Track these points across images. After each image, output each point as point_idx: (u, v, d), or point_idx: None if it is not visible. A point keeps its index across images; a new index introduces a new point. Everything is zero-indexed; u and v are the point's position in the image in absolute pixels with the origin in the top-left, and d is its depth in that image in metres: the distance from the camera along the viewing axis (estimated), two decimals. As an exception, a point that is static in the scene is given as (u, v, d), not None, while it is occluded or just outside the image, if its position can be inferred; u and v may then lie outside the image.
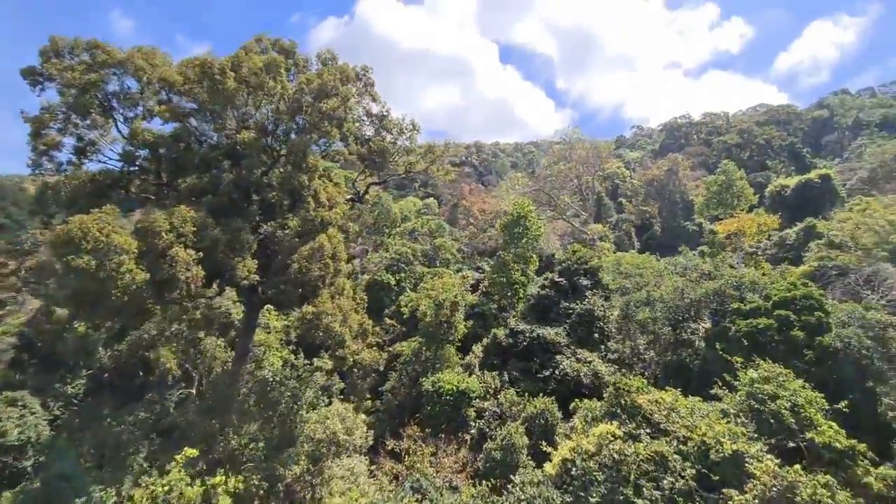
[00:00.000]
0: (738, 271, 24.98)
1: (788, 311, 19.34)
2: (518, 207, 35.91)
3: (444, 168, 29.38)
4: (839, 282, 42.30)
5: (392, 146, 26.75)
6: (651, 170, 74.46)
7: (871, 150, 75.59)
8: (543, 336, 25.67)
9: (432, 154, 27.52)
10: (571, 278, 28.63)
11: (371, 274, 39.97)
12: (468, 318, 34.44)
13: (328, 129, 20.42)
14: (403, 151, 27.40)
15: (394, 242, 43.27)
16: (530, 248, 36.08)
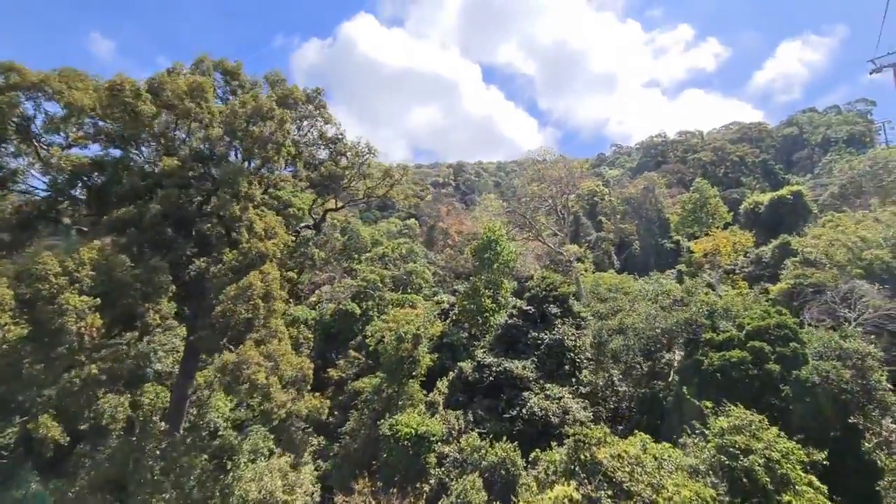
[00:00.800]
0: (710, 297, 23.80)
1: (762, 343, 18.08)
2: (488, 231, 34.62)
3: (405, 192, 28.01)
4: (816, 300, 41.77)
5: (348, 170, 25.27)
6: (628, 188, 74.49)
7: (839, 166, 77.04)
8: (510, 370, 24.00)
9: (390, 178, 26.13)
10: (541, 306, 27.18)
11: (337, 302, 37.99)
12: (436, 348, 32.65)
13: (268, 154, 18.90)
14: (360, 176, 25.94)
15: (363, 268, 41.47)
16: (502, 274, 34.68)
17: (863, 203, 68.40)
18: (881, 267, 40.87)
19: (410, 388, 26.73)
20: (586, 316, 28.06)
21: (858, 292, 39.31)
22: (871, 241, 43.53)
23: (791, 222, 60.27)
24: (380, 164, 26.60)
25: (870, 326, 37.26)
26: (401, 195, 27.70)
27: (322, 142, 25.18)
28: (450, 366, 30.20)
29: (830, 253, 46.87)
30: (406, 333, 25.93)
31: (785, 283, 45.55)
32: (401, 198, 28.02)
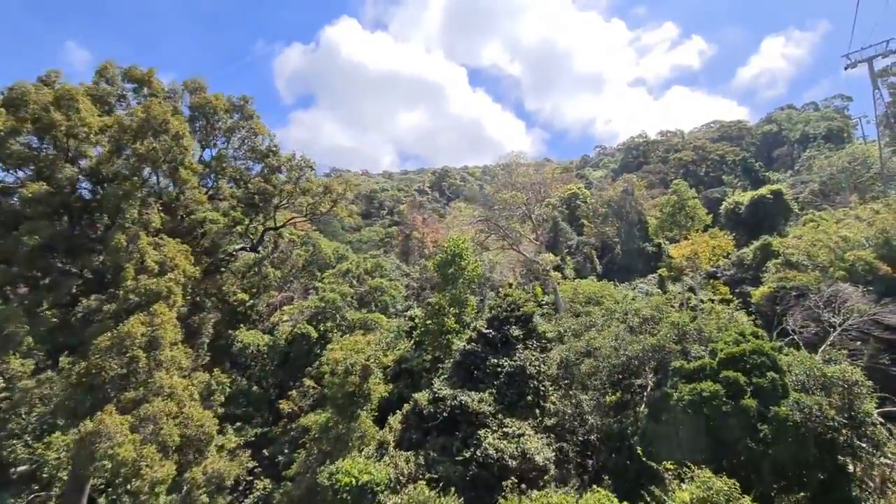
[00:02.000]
0: (682, 317, 21.59)
1: (737, 373, 15.87)
2: (452, 245, 32.25)
3: (348, 209, 25.61)
4: (799, 305, 40.11)
5: (286, 185, 22.76)
6: (607, 191, 72.84)
7: (818, 163, 76.32)
8: (465, 404, 21.54)
9: (331, 193, 23.68)
10: (501, 328, 24.79)
11: (293, 325, 35.26)
12: (396, 375, 30.13)
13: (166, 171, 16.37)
14: (300, 191, 23.44)
15: (323, 286, 38.79)
16: (468, 290, 32.32)
17: (843, 200, 67.54)
18: (864, 268, 39.30)
19: (362, 425, 24.16)
20: (553, 337, 25.71)
21: (842, 296, 37.66)
22: (852, 240, 42.04)
23: (772, 222, 59.00)
24: (319, 179, 24.14)
25: (855, 332, 35.61)
26: (345, 211, 25.26)
27: (254, 155, 22.59)
28: (408, 395, 27.68)
29: (812, 253, 45.37)
30: (354, 365, 23.35)
31: (767, 286, 43.89)
32: (345, 214, 25.59)
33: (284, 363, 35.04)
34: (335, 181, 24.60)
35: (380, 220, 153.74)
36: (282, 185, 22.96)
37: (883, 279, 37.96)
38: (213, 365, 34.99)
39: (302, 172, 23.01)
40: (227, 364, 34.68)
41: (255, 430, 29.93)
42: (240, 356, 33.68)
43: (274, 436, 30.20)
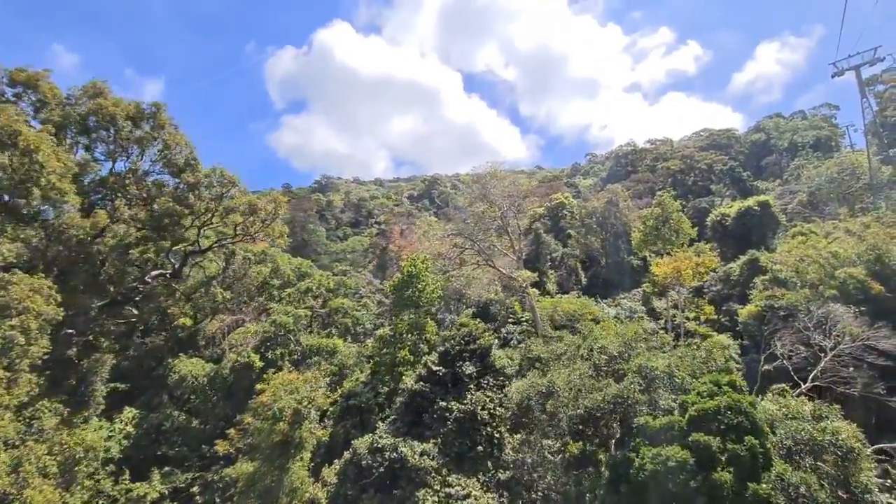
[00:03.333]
0: (653, 359, 18.87)
1: (710, 436, 13.12)
2: (409, 264, 29.48)
3: (279, 230, 22.79)
4: (788, 326, 37.69)
5: (200, 205, 19.89)
6: (591, 201, 70.54)
7: (807, 173, 74.62)
8: (405, 458, 18.62)
9: (258, 213, 20.89)
10: (454, 364, 21.95)
11: (237, 353, 32.18)
12: (344, 412, 27.16)
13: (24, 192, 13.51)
14: (223, 211, 20.59)
15: (278, 309, 35.79)
16: (427, 314, 29.53)
17: (832, 211, 65.73)
18: (856, 286, 36.93)
19: (293, 477, 21.16)
20: (512, 373, 22.89)
21: (833, 317, 35.27)
22: (843, 257, 39.75)
23: (759, 234, 56.86)
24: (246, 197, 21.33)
25: (848, 358, 33.20)
26: (276, 232, 22.46)
27: (168, 170, 19.74)
28: (357, 435, 24.73)
29: (801, 270, 43.04)
30: (283, 410, 20.38)
31: (754, 305, 41.45)
32: (276, 235, 22.79)
33: (230, 395, 31.95)
34: (264, 199, 21.88)
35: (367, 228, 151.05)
36: (200, 203, 20.10)
37: (876, 299, 35.62)
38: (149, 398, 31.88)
39: (225, 189, 20.22)
40: (163, 397, 31.55)
41: (185, 476, 26.74)
42: (176, 388, 30.56)
43: (207, 482, 27.05)
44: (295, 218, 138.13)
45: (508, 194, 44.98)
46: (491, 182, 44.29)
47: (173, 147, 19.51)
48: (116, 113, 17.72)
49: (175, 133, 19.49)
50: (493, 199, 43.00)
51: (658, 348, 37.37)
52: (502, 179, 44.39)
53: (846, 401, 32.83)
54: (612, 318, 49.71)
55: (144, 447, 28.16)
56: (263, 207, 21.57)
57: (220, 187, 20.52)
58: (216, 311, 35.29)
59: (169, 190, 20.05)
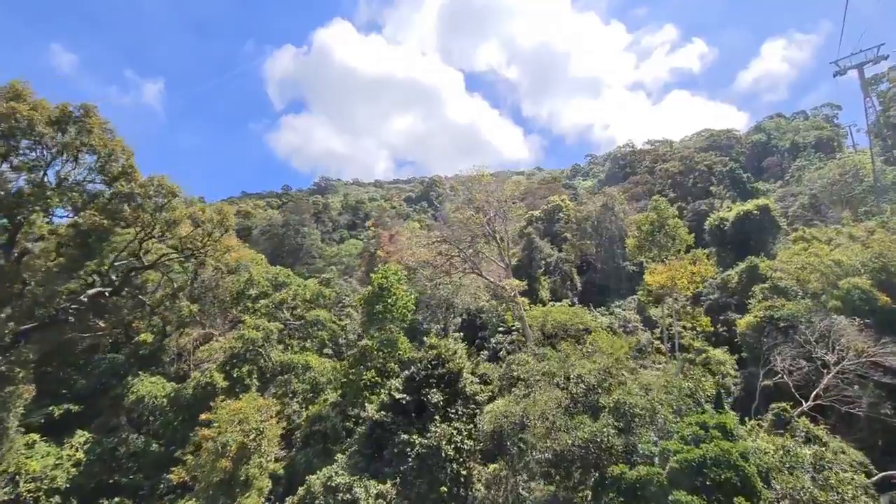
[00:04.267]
0: (631, 395, 16.82)
1: (692, 498, 11.13)
2: (379, 277, 27.54)
3: (224, 245, 20.89)
4: (789, 339, 35.66)
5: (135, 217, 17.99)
6: (586, 205, 68.50)
7: (809, 175, 72.49)
8: (357, 500, 16.67)
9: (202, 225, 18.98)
10: (419, 391, 19.98)
11: (200, 372, 30.26)
12: (307, 439, 25.22)
13: None
14: (163, 223, 18.68)
15: (249, 321, 33.85)
16: (399, 329, 27.59)
17: (834, 215, 63.65)
18: (860, 297, 34.84)
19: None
20: (483, 400, 20.88)
21: (837, 330, 33.21)
22: (847, 265, 37.67)
23: (759, 239, 54.80)
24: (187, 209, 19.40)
25: (852, 375, 31.16)
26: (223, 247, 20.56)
27: (102, 178, 17.83)
28: (318, 466, 22.80)
29: (803, 278, 41.00)
30: (226, 445, 18.43)
31: (753, 315, 39.35)
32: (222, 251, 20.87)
33: (193, 417, 30.03)
34: (209, 210, 19.95)
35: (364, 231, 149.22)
36: (142, 215, 18.23)
37: (882, 311, 33.53)
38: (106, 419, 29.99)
39: (165, 200, 18.34)
40: (121, 419, 29.65)
41: (135, 508, 24.86)
42: (134, 410, 28.65)
43: (160, 514, 25.18)
44: (289, 221, 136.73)
45: (495, 199, 43.07)
46: (476, 187, 42.41)
47: (102, 152, 17.57)
48: (35, 117, 15.83)
49: (104, 137, 17.54)
50: (479, 205, 41.11)
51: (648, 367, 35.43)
52: (488, 184, 42.49)
53: (850, 421, 30.82)
54: (605, 327, 47.74)
55: (96, 475, 26.26)
56: (209, 219, 19.72)
57: (160, 198, 18.66)
58: (183, 325, 33.37)
59: (101, 202, 18.15)
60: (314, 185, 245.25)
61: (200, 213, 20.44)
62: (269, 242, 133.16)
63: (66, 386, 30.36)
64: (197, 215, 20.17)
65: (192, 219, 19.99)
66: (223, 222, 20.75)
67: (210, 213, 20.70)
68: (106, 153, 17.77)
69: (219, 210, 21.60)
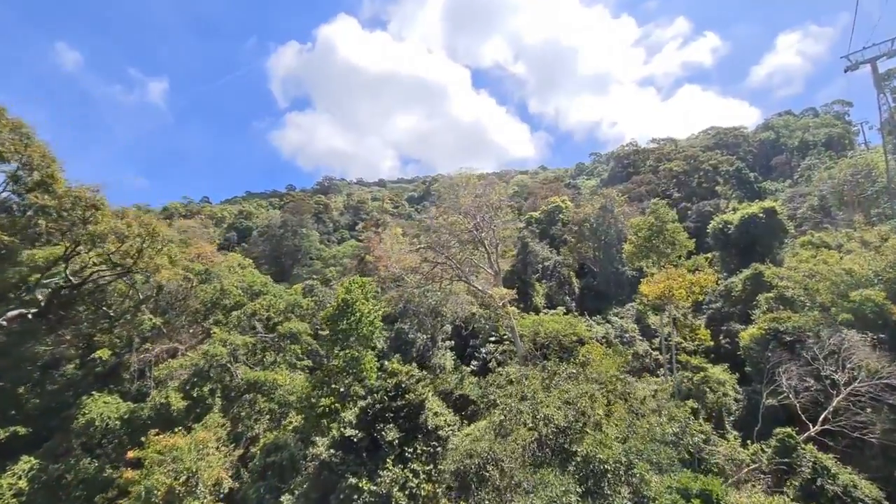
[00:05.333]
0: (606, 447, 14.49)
1: None
2: (344, 290, 25.43)
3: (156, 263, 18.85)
4: (795, 355, 33.12)
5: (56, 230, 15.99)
6: (584, 207, 65.93)
7: (819, 175, 69.36)
8: (293, 560, 14.54)
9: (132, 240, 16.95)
10: (374, 426, 17.81)
11: (159, 391, 28.34)
12: (263, 470, 23.13)
13: None
14: (88, 238, 16.68)
15: (217, 336, 31.90)
16: (364, 350, 25.43)
17: (845, 217, 60.56)
18: (873, 310, 32.18)
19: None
20: (446, 434, 18.62)
21: (847, 346, 30.61)
22: (858, 275, 34.94)
23: (765, 243, 52.06)
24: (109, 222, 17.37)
25: (865, 398, 28.56)
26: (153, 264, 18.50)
27: (15, 189, 15.84)
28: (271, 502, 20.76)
29: (811, 286, 38.33)
30: (152, 491, 16.37)
31: (757, 328, 36.79)
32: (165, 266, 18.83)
33: (149, 439, 28.11)
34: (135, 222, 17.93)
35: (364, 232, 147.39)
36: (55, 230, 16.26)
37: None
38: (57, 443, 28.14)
39: (87, 213, 16.36)
40: (74, 442, 27.76)
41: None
42: (84, 433, 26.75)
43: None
44: (287, 222, 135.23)
45: (484, 203, 40.84)
46: (462, 190, 40.19)
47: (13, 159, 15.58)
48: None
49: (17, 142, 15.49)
50: (465, 210, 38.86)
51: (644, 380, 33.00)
52: (475, 187, 40.22)
53: (863, 447, 28.27)
54: (600, 337, 45.34)
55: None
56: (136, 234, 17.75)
57: (80, 211, 16.69)
58: (145, 340, 31.51)
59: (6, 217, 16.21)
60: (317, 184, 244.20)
61: (126, 227, 18.49)
62: (268, 244, 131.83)
63: (16, 406, 28.54)
64: (120, 230, 18.23)
65: (115, 233, 18.05)
66: (153, 236, 18.78)
67: (136, 228, 18.74)
68: (20, 161, 15.83)
69: (144, 223, 19.58)
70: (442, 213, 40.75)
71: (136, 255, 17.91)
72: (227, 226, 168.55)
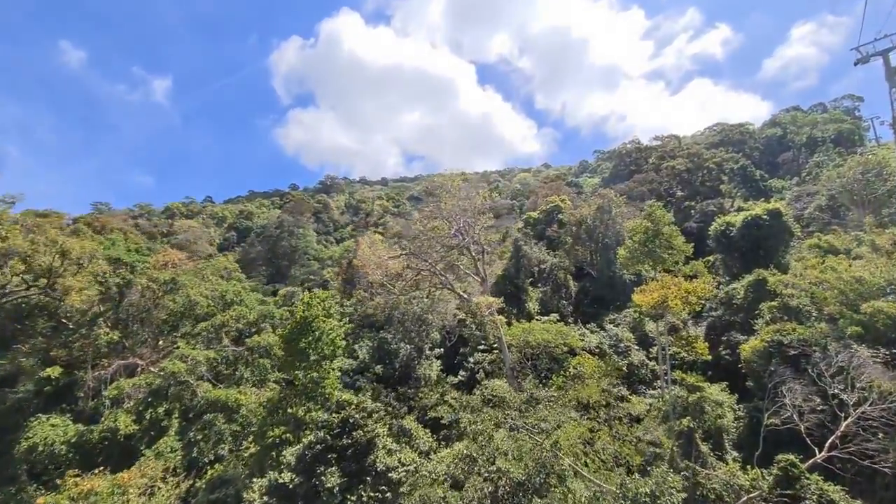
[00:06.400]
0: None
1: None
2: (303, 307, 23.36)
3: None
4: (800, 370, 30.69)
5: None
6: (581, 208, 63.44)
7: (827, 174, 66.39)
8: None
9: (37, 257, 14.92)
10: (314, 469, 15.69)
11: (108, 412, 26.47)
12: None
13: None
14: None
15: (183, 349, 30.00)
16: (325, 370, 23.36)
17: (855, 218, 57.72)
18: (886, 323, 29.68)
19: None
20: (398, 477, 16.49)
21: (857, 364, 28.13)
22: (869, 283, 32.39)
23: (769, 247, 49.35)
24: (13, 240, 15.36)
25: (877, 422, 26.08)
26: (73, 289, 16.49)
27: None
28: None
29: (817, 295, 35.84)
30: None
31: (760, 340, 34.30)
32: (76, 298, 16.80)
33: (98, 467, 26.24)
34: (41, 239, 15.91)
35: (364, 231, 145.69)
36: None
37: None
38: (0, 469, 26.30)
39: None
40: (19, 469, 25.94)
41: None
42: (26, 459, 24.92)
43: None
44: (283, 222, 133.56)
45: (464, 209, 38.53)
46: (445, 194, 37.99)
47: None
48: None
49: None
50: (448, 216, 36.66)
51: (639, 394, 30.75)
52: (458, 190, 37.98)
53: (874, 477, 25.87)
54: (593, 347, 43.01)
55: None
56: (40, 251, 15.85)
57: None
58: (102, 356, 29.65)
59: None
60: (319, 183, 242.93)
61: (29, 245, 16.52)
62: (264, 245, 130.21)
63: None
64: (20, 248, 16.28)
65: (16, 253, 16.15)
66: (64, 254, 16.87)
67: (42, 246, 16.81)
68: None
69: (51, 240, 17.60)
70: (424, 217, 38.59)
71: (46, 274, 16.01)
72: (228, 226, 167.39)
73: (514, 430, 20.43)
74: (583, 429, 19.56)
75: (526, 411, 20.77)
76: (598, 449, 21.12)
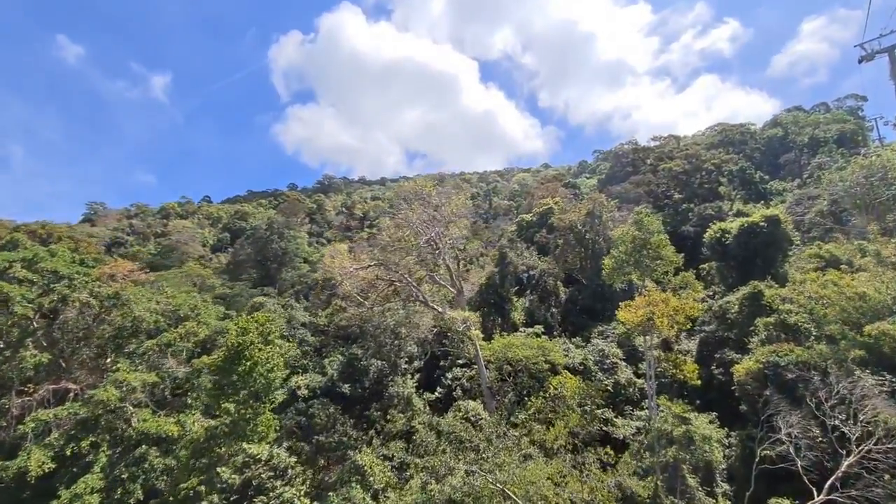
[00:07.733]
0: None
1: None
2: (235, 336, 20.67)
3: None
4: (798, 399, 27.94)
5: None
6: (569, 213, 60.59)
7: (828, 177, 63.41)
8: None
9: None
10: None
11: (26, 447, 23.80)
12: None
13: None
14: None
15: (122, 370, 27.32)
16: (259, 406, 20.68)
17: (859, 224, 54.71)
18: (893, 347, 26.92)
19: None
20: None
21: (861, 393, 25.37)
22: (874, 300, 29.59)
23: (767, 256, 46.53)
24: None
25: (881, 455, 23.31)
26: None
27: None
28: None
29: (817, 312, 33.06)
30: None
31: (754, 361, 31.51)
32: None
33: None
34: None
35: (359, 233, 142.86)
36: None
37: (922, 369, 25.55)
38: None
39: None
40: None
41: None
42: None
43: None
44: (273, 224, 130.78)
45: (434, 218, 35.72)
46: (416, 201, 35.29)
47: None
48: None
49: None
50: (415, 226, 33.91)
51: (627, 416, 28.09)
52: (430, 197, 35.26)
53: (880, 523, 23.13)
54: (577, 363, 40.20)
55: None
56: None
57: None
58: (28, 380, 27.05)
59: None
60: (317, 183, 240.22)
61: None
62: (253, 247, 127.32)
63: None
64: None
65: None
66: None
67: None
68: None
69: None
70: (394, 226, 35.92)
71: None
72: (222, 226, 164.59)
73: (470, 475, 17.89)
74: (551, 469, 16.99)
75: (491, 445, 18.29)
76: (566, 498, 18.51)
